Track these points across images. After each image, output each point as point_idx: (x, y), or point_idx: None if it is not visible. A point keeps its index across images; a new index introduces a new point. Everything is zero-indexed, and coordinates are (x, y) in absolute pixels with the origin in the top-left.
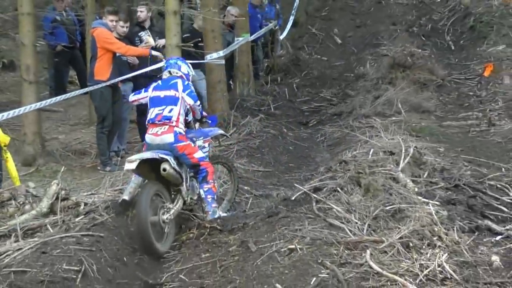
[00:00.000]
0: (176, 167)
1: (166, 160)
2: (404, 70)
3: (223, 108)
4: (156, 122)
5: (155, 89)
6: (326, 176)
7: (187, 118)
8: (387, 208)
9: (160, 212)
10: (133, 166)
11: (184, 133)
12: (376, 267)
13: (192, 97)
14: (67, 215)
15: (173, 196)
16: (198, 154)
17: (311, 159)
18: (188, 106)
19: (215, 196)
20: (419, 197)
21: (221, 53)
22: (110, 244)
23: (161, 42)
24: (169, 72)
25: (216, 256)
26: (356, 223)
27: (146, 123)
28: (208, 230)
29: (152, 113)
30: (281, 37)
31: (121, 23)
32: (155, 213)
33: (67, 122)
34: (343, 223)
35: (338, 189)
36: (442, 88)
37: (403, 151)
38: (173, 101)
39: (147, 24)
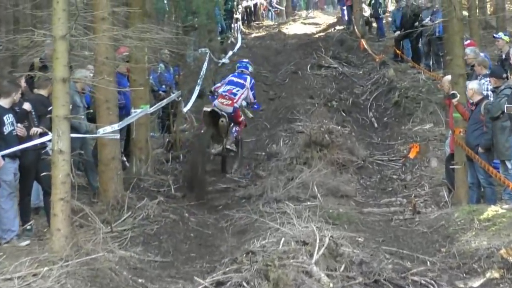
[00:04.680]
0: (226, 122)
1: (224, 116)
2: (321, 150)
3: (117, 188)
4: (225, 95)
5: (232, 76)
6: (231, 268)
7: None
8: None
9: (211, 147)
10: (209, 109)
11: (238, 107)
12: None
13: (253, 94)
14: None
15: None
16: (241, 118)
17: (215, 248)
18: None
19: (237, 135)
20: None
21: (116, 126)
22: None
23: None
24: (242, 70)
25: None
26: None
27: (219, 93)
28: None
29: (224, 88)
30: (185, 110)
31: None
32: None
33: None
34: None
35: (244, 283)
36: (363, 170)
37: (318, 241)
38: (241, 86)
39: None
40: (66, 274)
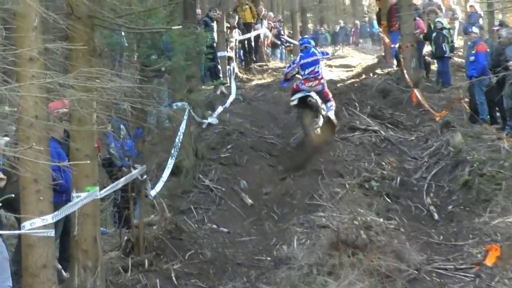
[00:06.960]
0: (315, 99)
1: (310, 96)
2: (355, 253)
3: None
4: (310, 77)
5: (301, 58)
6: None
7: None
8: None
9: (313, 123)
10: (295, 102)
11: (325, 83)
12: None
13: (325, 54)
14: None
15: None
16: (329, 95)
17: None
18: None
19: (333, 109)
20: None
21: (50, 218)
22: None
23: None
24: (305, 46)
25: None
26: None
27: (303, 78)
28: None
29: (306, 71)
30: (153, 193)
31: None
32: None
33: None
34: None
35: None
36: (417, 283)
37: None
38: (317, 62)
39: None
40: None
